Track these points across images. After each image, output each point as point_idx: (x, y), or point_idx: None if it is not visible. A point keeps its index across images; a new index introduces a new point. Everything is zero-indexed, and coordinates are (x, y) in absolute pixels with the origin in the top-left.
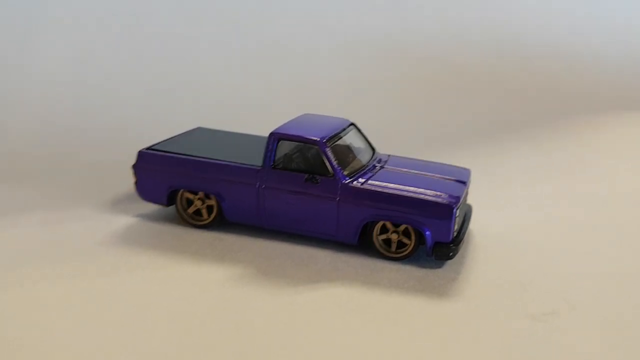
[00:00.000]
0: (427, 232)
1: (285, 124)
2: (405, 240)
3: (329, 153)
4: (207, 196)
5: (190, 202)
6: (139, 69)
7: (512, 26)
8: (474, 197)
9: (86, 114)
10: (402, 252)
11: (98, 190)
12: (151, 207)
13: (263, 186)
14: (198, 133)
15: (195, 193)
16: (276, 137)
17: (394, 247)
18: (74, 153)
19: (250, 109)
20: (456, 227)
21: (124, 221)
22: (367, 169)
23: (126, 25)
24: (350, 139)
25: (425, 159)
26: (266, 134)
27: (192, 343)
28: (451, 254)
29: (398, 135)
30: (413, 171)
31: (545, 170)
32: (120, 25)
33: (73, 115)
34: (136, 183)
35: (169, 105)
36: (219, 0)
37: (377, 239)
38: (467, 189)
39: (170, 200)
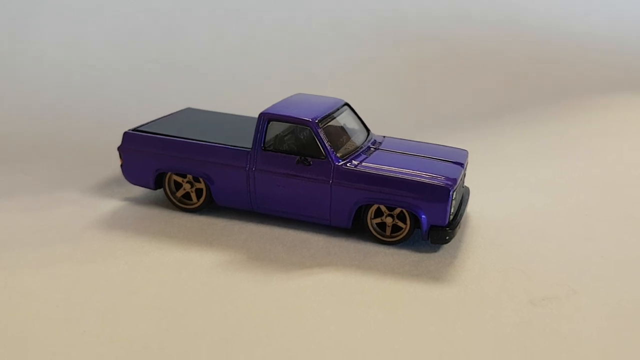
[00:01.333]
0: (423, 216)
1: (276, 104)
2: (400, 224)
3: (322, 134)
4: (196, 179)
5: (178, 185)
6: (129, 48)
7: (513, 6)
8: (471, 179)
9: (74, 94)
10: (397, 236)
11: (85, 173)
12: (140, 191)
13: (253, 169)
14: (187, 114)
15: (184, 176)
16: (266, 118)
17: (388, 231)
18: (61, 134)
19: (243, 89)
20: (453, 210)
21: (110, 205)
22: (361, 150)
23: (116, 4)
24: (344, 119)
25: (422, 141)
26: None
27: (178, 331)
28: (447, 237)
29: (395, 117)
30: (408, 153)
31: (546, 152)
32: (109, 4)
33: (60, 95)
34: (122, 165)
35: (160, 86)
36: None
37: (372, 222)
38: (465, 170)
39: (157, 184)
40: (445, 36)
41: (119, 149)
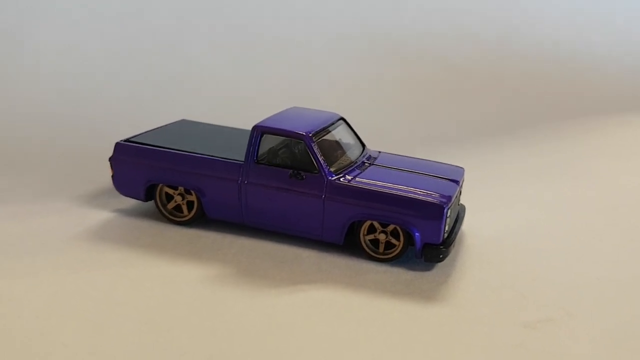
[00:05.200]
0: (416, 233)
1: (270, 117)
2: (394, 241)
3: (315, 148)
4: (188, 191)
5: (170, 198)
6: (128, 58)
7: (513, 25)
8: (467, 197)
9: (68, 101)
10: (390, 253)
11: (76, 182)
12: (131, 202)
13: (245, 182)
14: (181, 125)
15: (175, 188)
16: (260, 131)
17: (381, 247)
18: (54, 141)
19: (241, 102)
20: (447, 228)
21: (100, 216)
22: (355, 165)
23: (115, 13)
24: (339, 134)
25: (418, 157)
26: None
27: (162, 346)
28: (441, 256)
29: (392, 133)
30: (403, 169)
31: (543, 171)
32: (109, 13)
33: (53, 102)
34: (113, 176)
35: (157, 96)
36: None
37: (364, 239)
38: (460, 188)
39: (148, 195)
40: (444, 54)
41: (110, 159)
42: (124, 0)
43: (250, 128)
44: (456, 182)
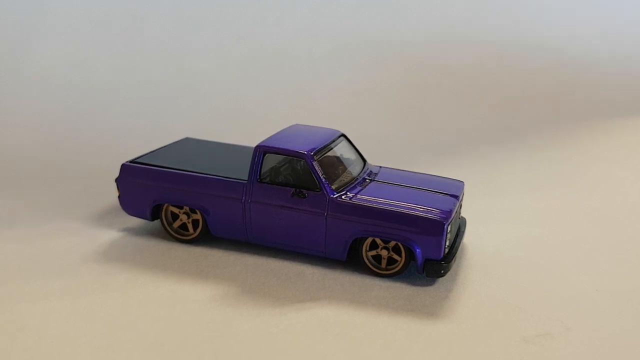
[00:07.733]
0: (418, 249)
1: (272, 137)
2: (396, 257)
3: (317, 167)
4: (193, 210)
5: (175, 216)
6: (132, 76)
7: (512, 30)
8: (469, 209)
9: (76, 121)
10: (393, 268)
11: (86, 201)
12: (137, 221)
13: (249, 200)
14: (185, 144)
15: (180, 207)
16: (262, 150)
17: (384, 263)
18: (62, 161)
19: (244, 114)
20: (448, 243)
21: (108, 236)
22: (356, 182)
23: (121, 31)
24: (340, 150)
25: (419, 169)
26: (259, 141)
27: None
28: (442, 271)
29: (394, 142)
30: (404, 185)
31: (546, 180)
32: (114, 31)
33: (62, 122)
34: (120, 197)
35: (162, 113)
36: (213, 7)
37: (367, 255)
38: (460, 202)
39: (154, 215)
40: (443, 62)
41: (116, 180)
42: (127, 17)
43: (252, 139)
44: (456, 197)
